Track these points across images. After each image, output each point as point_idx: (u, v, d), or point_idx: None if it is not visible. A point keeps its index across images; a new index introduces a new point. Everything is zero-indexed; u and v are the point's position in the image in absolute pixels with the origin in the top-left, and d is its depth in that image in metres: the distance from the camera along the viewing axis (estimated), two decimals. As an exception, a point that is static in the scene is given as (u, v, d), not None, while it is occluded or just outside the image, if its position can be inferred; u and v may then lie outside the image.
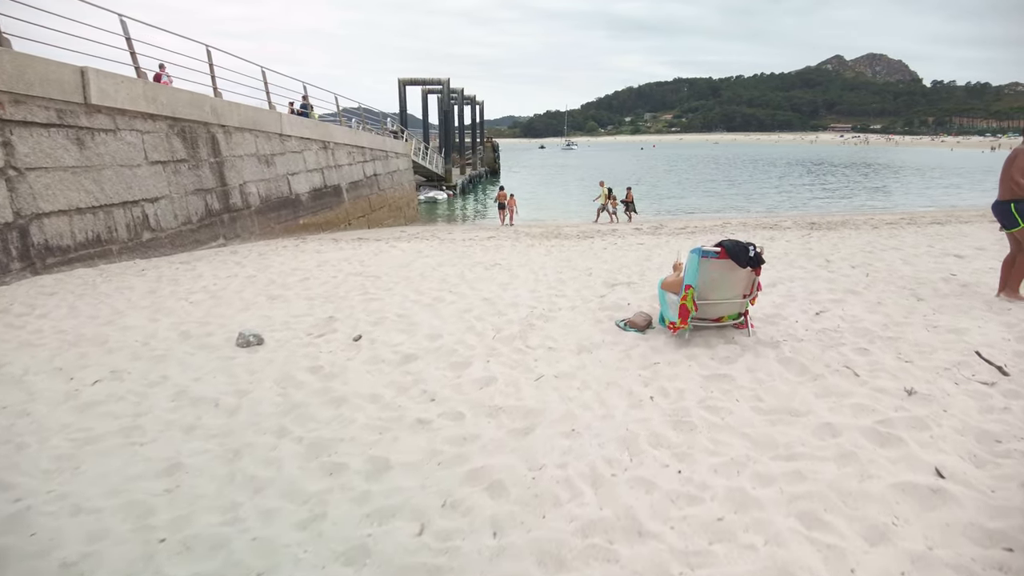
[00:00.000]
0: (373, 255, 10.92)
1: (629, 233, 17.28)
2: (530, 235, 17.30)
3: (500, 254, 10.97)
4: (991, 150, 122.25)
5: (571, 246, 12.59)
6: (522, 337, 4.97)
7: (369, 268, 9.10)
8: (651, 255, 10.44)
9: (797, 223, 20.82)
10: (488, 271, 8.69)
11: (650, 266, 8.86)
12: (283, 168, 17.10)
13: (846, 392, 3.67)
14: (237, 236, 14.35)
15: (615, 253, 10.87)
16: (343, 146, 21.92)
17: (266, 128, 16.30)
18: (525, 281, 7.70)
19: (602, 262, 9.68)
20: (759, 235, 15.30)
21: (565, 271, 8.63)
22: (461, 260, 10.05)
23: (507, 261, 9.82)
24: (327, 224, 19.54)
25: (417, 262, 9.83)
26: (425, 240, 14.92)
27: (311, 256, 10.83)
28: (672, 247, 11.88)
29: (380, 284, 7.66)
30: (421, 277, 8.17)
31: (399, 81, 46.62)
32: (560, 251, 11.55)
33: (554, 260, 9.97)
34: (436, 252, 11.38)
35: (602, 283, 7.45)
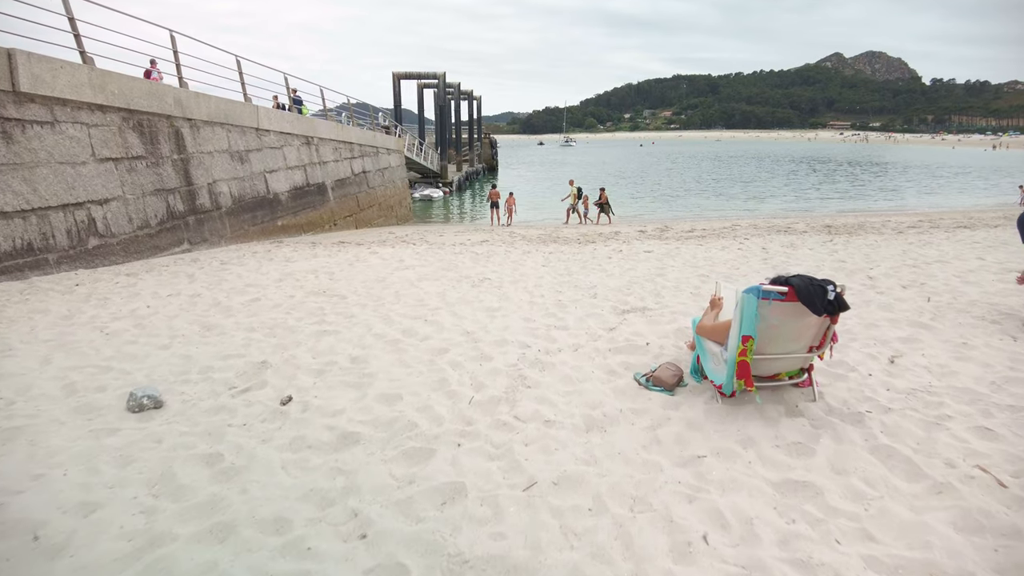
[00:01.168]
0: (347, 265, 9.64)
1: (634, 237, 16.01)
2: (526, 239, 16.02)
3: (491, 265, 9.69)
4: (992, 148, 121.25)
5: (571, 254, 11.32)
6: (509, 400, 3.68)
7: (337, 284, 7.81)
8: (663, 266, 9.16)
9: (811, 226, 19.56)
10: (475, 289, 7.41)
11: (665, 283, 7.58)
12: (260, 165, 15.79)
13: (996, 519, 2.40)
14: (205, 240, 13.05)
15: (621, 264, 9.60)
16: (329, 142, 20.60)
17: (240, 122, 14.97)
18: (518, 305, 6.42)
19: (607, 276, 8.41)
20: (775, 240, 14.05)
21: (565, 289, 7.36)
22: (446, 273, 8.77)
23: (498, 275, 8.54)
24: (309, 225, 18.24)
25: (395, 275, 8.54)
26: (411, 245, 13.64)
27: (276, 266, 9.54)
28: (685, 255, 10.62)
29: (343, 308, 6.38)
30: (395, 297, 6.89)
31: (393, 75, 45.21)
32: (559, 260, 10.27)
33: (552, 273, 8.70)
34: (420, 261, 10.10)
35: (610, 308, 6.18)
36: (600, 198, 23.55)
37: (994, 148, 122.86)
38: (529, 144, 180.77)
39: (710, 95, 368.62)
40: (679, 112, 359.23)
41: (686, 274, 8.33)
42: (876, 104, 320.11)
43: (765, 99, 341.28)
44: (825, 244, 12.94)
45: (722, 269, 8.77)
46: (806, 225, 19.67)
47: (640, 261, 9.89)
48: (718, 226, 20.24)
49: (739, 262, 9.56)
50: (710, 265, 9.17)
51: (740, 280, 7.91)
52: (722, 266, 9.17)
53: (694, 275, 8.18)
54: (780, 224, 19.98)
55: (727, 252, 11.25)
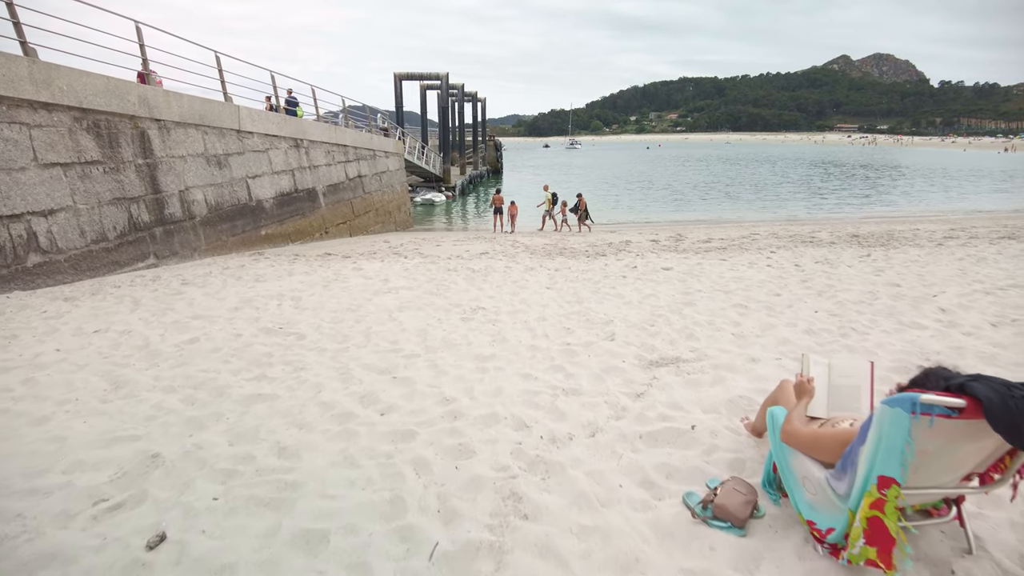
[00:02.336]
0: (322, 286, 8.36)
1: (647, 248, 14.67)
2: (530, 250, 14.72)
3: (488, 286, 8.40)
4: (1004, 151, 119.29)
5: (579, 271, 10.01)
6: (494, 552, 2.33)
7: (301, 315, 6.53)
8: (688, 290, 7.83)
9: (837, 235, 18.18)
10: (465, 323, 6.11)
11: (696, 317, 6.26)
12: (241, 170, 14.55)
13: None
14: (175, 254, 11.80)
15: (638, 286, 8.28)
16: (320, 144, 19.36)
17: (219, 123, 13.74)
18: (516, 350, 5.11)
19: (624, 303, 7.09)
20: (805, 254, 12.70)
21: (575, 324, 6.05)
22: (434, 299, 7.48)
23: (495, 302, 7.24)
24: (298, 234, 16.99)
25: (373, 302, 7.25)
26: (403, 258, 12.36)
27: (241, 288, 8.27)
28: (710, 274, 9.29)
29: (295, 354, 5.08)
30: (364, 338, 5.59)
31: (395, 76, 44.00)
32: (566, 280, 8.96)
33: (559, 300, 7.39)
34: (407, 281, 8.81)
35: (634, 357, 4.85)
36: (579, 204, 22.14)
37: (1006, 151, 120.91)
38: (534, 147, 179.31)
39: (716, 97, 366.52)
40: (685, 115, 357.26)
41: (719, 302, 7.01)
42: (884, 106, 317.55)
43: (771, 101, 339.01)
44: (863, 259, 11.59)
45: (760, 295, 7.44)
46: (830, 234, 18.30)
47: (660, 283, 8.57)
48: (735, 235, 18.87)
49: (776, 285, 8.23)
50: (744, 290, 7.84)
51: (785, 316, 6.58)
52: (758, 289, 7.84)
53: (728, 304, 6.85)
54: (802, 233, 18.60)
55: (757, 270, 9.92)
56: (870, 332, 5.54)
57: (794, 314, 6.32)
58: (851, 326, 5.77)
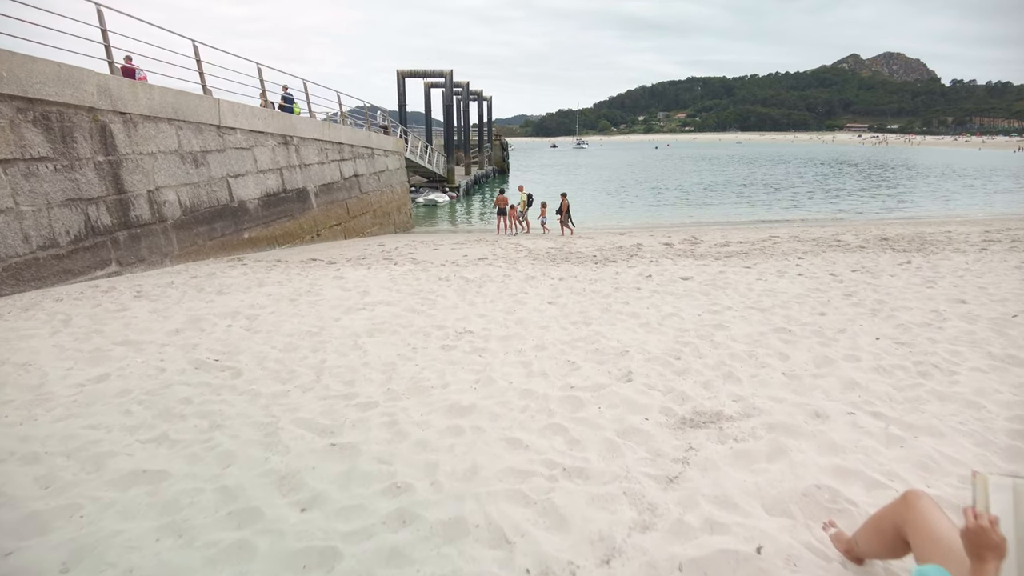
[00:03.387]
0: (289, 300, 7.23)
1: (661, 253, 13.46)
2: (533, 255, 13.55)
3: (481, 300, 7.25)
4: (1019, 150, 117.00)
5: (588, 281, 8.84)
6: None
7: (250, 341, 5.39)
8: (716, 307, 6.64)
9: (864, 238, 16.89)
10: (445, 354, 4.96)
11: (732, 346, 5.06)
12: (221, 169, 13.46)
13: None
14: (141, 260, 10.72)
15: (656, 302, 7.09)
16: (312, 142, 18.26)
17: (195, 118, 12.66)
18: (504, 397, 3.94)
19: (642, 326, 5.91)
20: (838, 260, 11.48)
21: (581, 356, 4.88)
22: (415, 317, 6.33)
23: (486, 322, 6.09)
24: (286, 237, 15.89)
25: (342, 322, 6.12)
26: (392, 265, 11.22)
27: (197, 303, 7.16)
28: (737, 285, 8.09)
29: (217, 403, 3.93)
30: (314, 376, 4.44)
31: (398, 73, 42.92)
32: (572, 292, 7.79)
33: (562, 320, 6.22)
34: (388, 294, 7.67)
35: (660, 412, 3.66)
36: (561, 205, 20.55)
37: (1020, 150, 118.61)
38: (542, 147, 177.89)
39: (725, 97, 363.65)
40: (693, 114, 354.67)
41: (755, 324, 5.81)
42: (894, 106, 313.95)
43: (781, 101, 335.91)
44: (904, 267, 10.35)
45: (802, 314, 6.24)
46: (856, 237, 17.02)
47: (680, 297, 7.38)
48: (754, 237, 17.63)
49: (816, 300, 7.02)
50: (782, 306, 6.64)
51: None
52: (797, 306, 6.64)
53: (767, 327, 5.66)
54: (825, 236, 17.34)
55: (789, 281, 8.71)
56: (958, 370, 4.34)
57: (851, 342, 5.12)
58: (929, 360, 4.57)
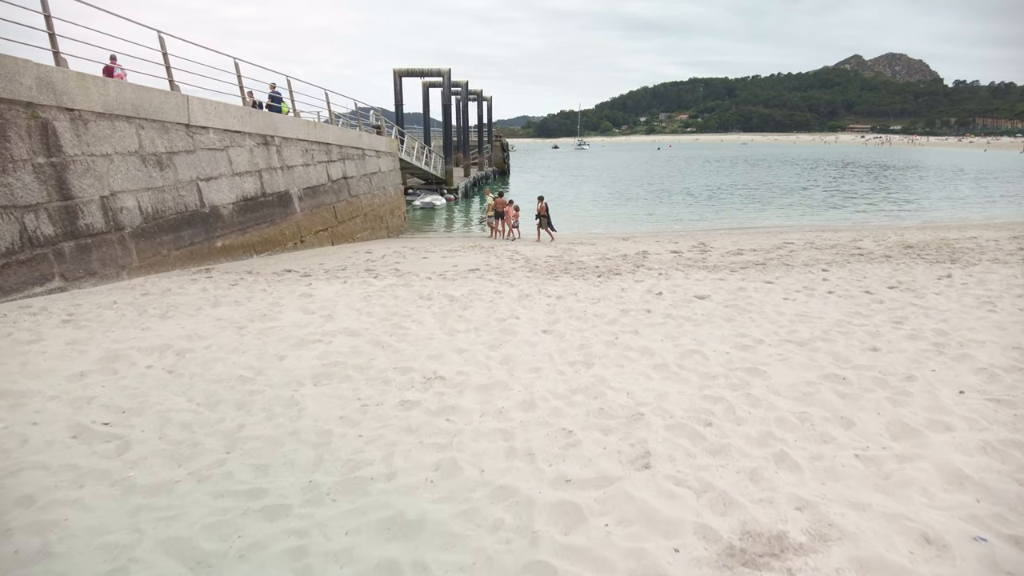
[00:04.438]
0: (237, 328, 6.10)
1: (669, 262, 12.30)
2: (530, 265, 12.41)
3: (463, 326, 6.12)
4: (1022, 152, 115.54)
5: (590, 299, 7.70)
6: None
7: (163, 391, 4.27)
8: (745, 341, 5.49)
9: (881, 243, 15.72)
10: (404, 412, 3.84)
11: (779, 404, 3.92)
12: (190, 171, 12.33)
13: None
14: (92, 274, 9.60)
15: (671, 330, 5.95)
16: (296, 142, 17.13)
17: (160, 116, 11.54)
18: (469, 493, 2.79)
19: (657, 369, 4.77)
20: (869, 273, 10.34)
21: (580, 421, 3.74)
22: (380, 353, 5.20)
23: (464, 360, 4.96)
24: (265, 244, 14.76)
25: (286, 362, 4.98)
26: (372, 279, 10.09)
27: (129, 331, 6.03)
28: (763, 308, 6.94)
29: (66, 506, 2.80)
30: (224, 452, 3.31)
31: (394, 72, 41.80)
32: (571, 316, 6.65)
33: (558, 358, 5.09)
34: (358, 317, 6.54)
35: (695, 537, 2.49)
36: (539, 208, 19.31)
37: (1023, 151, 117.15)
38: (544, 148, 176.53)
39: (727, 98, 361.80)
40: (695, 115, 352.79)
41: (799, 367, 4.66)
42: (897, 107, 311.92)
43: (783, 102, 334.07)
44: (947, 282, 9.21)
45: (852, 351, 5.09)
46: (876, 243, 15.86)
47: (700, 323, 6.23)
48: (767, 244, 16.47)
49: (862, 328, 5.87)
50: (823, 338, 5.50)
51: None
52: (841, 338, 5.49)
53: (816, 373, 4.50)
54: (843, 242, 16.18)
55: (821, 300, 7.56)
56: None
57: (929, 398, 3.97)
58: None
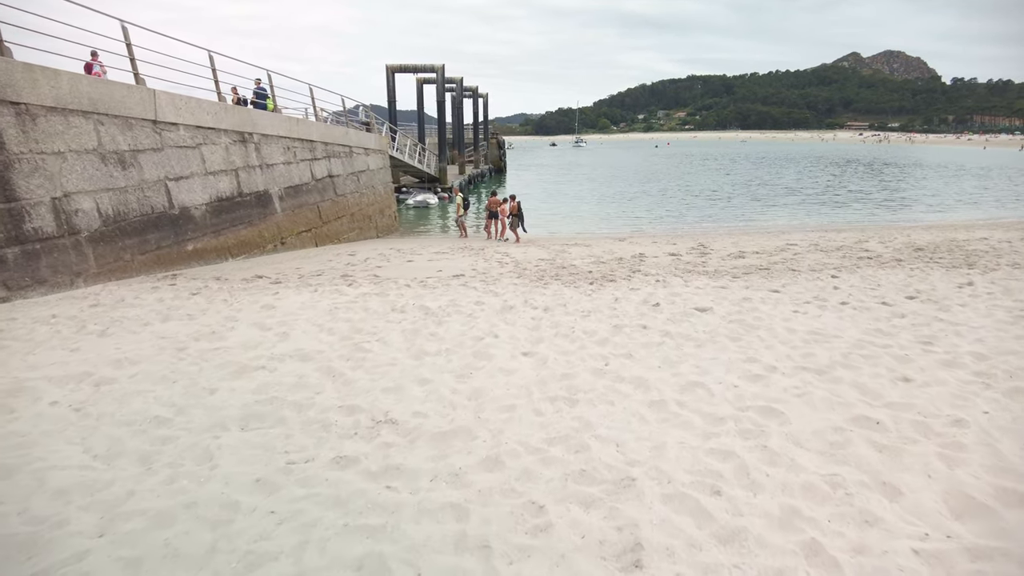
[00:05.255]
0: (177, 350, 5.36)
1: (669, 269, 11.54)
2: (519, 270, 11.66)
3: (434, 346, 5.39)
4: (1023, 149, 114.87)
5: (580, 312, 6.96)
6: None
7: (56, 440, 3.56)
8: (755, 368, 4.76)
9: (889, 244, 14.99)
10: (338, 476, 3.11)
11: (804, 464, 3.19)
12: (157, 170, 11.56)
13: None
14: (41, 282, 8.83)
15: (669, 353, 5.20)
16: (277, 139, 16.34)
17: (122, 111, 10.77)
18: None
19: (653, 407, 4.04)
20: (883, 280, 9.59)
21: (559, 483, 3.02)
22: (328, 385, 4.46)
23: (426, 394, 4.24)
24: (241, 247, 13.98)
25: (219, 394, 4.25)
26: (346, 286, 9.34)
27: (54, 355, 5.30)
28: (771, 323, 6.21)
29: None
30: (81, 549, 2.54)
31: (387, 67, 40.95)
32: (556, 335, 5.91)
33: (538, 389, 4.37)
34: (317, 335, 5.80)
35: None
36: (511, 208, 19.13)
37: (1021, 149, 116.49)
38: (541, 145, 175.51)
39: (725, 95, 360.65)
40: (694, 113, 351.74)
41: (822, 406, 3.91)
42: (895, 104, 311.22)
43: (781, 99, 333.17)
44: (969, 291, 8.47)
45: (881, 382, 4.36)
46: (883, 244, 15.12)
47: (702, 343, 5.48)
48: (769, 245, 15.72)
49: (887, 351, 5.14)
50: (843, 363, 4.77)
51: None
52: (866, 365, 4.76)
53: (843, 415, 3.76)
54: (848, 244, 15.44)
55: (834, 314, 6.82)
56: None
57: (991, 454, 3.25)
58: None
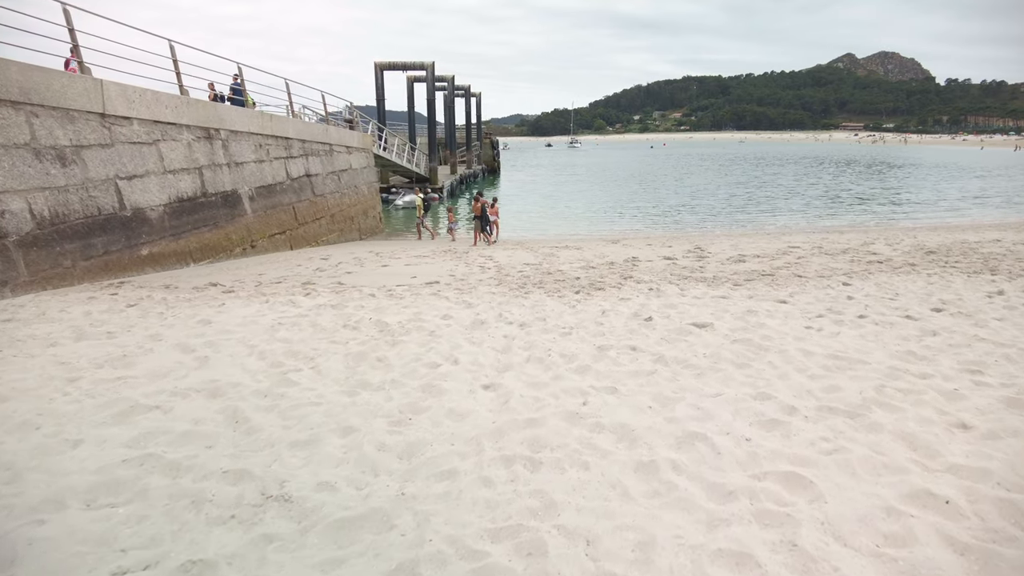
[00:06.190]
0: (67, 381, 4.41)
1: (663, 275, 10.58)
2: (499, 277, 10.69)
3: (377, 380, 4.46)
4: (1017, 149, 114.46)
5: (560, 328, 6.00)
6: None
7: None
8: (770, 410, 3.82)
9: (897, 247, 14.06)
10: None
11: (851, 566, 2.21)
12: (106, 168, 10.56)
13: None
14: (-42, 291, 7.81)
15: (663, 387, 4.27)
16: (248, 136, 15.33)
17: (62, 102, 9.77)
18: None
19: (641, 472, 3.14)
20: (901, 288, 8.65)
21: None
22: (229, 434, 3.51)
23: (343, 452, 3.31)
24: (206, 250, 12.98)
25: (83, 447, 3.33)
26: (303, 296, 8.36)
27: None
28: (783, 342, 5.29)
29: None
30: None
31: (375, 65, 39.89)
32: (530, 357, 4.97)
33: (493, 444, 3.46)
34: (244, 359, 4.85)
35: None
36: (472, 209, 18.74)
37: (1017, 149, 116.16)
38: (537, 146, 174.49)
39: (720, 96, 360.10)
40: (689, 113, 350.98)
41: (869, 477, 2.98)
42: (890, 105, 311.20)
43: (776, 100, 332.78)
44: (1004, 302, 7.54)
45: (929, 428, 3.47)
46: (890, 247, 14.21)
47: (702, 372, 4.54)
48: (770, 248, 14.79)
49: (937, 391, 4.20)
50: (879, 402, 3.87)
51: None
52: (908, 405, 3.84)
53: (896, 489, 2.82)
54: (854, 246, 14.52)
55: (854, 330, 5.88)
56: None
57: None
58: None
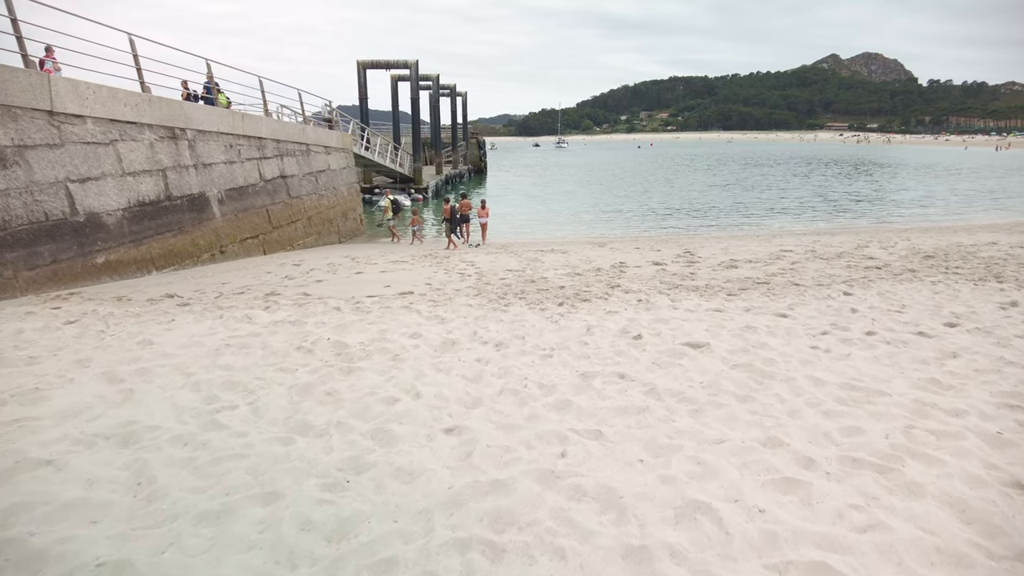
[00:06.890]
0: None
1: (652, 283, 9.98)
2: (480, 284, 10.05)
3: (321, 421, 3.88)
4: (997, 149, 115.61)
5: (540, 350, 5.39)
6: None
7: None
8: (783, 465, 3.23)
9: (892, 251, 13.60)
10: None
11: None
12: (54, 170, 9.79)
13: None
14: None
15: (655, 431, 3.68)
16: (216, 136, 14.57)
17: (5, 99, 9.00)
18: None
19: (629, 552, 2.47)
20: (905, 297, 8.10)
21: None
22: (117, 500, 2.83)
23: (263, 531, 2.58)
24: (170, 257, 12.21)
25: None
26: (262, 310, 7.67)
27: None
28: (784, 363, 4.70)
29: None
30: None
31: (358, 63, 39.01)
32: (503, 388, 4.38)
33: (449, 510, 2.87)
34: (175, 396, 4.23)
35: None
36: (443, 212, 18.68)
37: (998, 149, 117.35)
38: (524, 146, 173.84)
39: (706, 96, 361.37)
40: (675, 114, 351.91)
41: (923, 569, 2.34)
42: (873, 105, 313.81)
43: (762, 100, 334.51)
44: (1017, 312, 7.01)
45: (991, 504, 2.84)
46: (885, 250, 13.73)
47: (700, 408, 3.94)
48: (762, 252, 14.26)
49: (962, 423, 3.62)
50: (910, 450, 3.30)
51: None
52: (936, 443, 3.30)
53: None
54: (847, 249, 14.03)
55: (866, 351, 5.31)
56: None
57: None
58: None
